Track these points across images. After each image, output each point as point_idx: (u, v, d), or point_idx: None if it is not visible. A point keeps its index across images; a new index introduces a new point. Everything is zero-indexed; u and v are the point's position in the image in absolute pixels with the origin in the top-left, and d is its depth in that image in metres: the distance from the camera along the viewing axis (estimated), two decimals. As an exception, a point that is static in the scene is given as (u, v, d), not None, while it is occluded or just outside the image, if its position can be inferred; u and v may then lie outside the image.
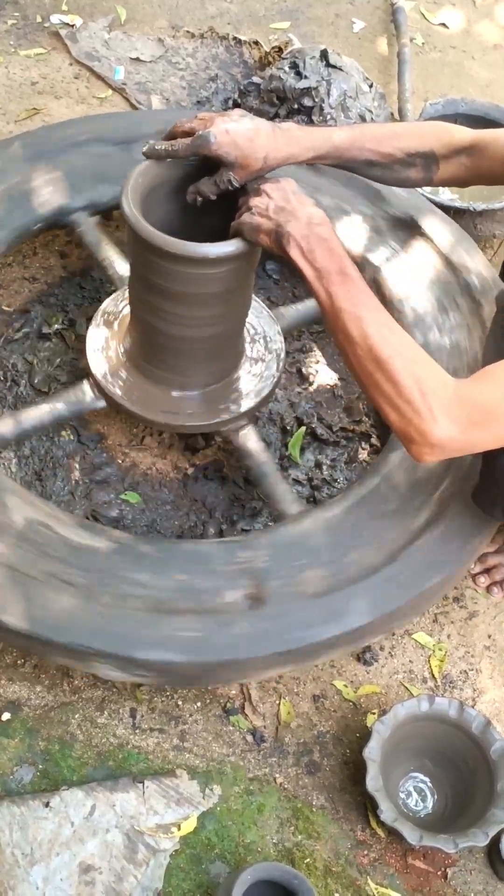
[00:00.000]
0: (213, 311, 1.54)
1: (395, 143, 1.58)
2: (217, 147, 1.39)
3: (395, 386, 1.26)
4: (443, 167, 1.61)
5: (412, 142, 1.59)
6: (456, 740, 1.52)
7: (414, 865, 1.49)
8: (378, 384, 1.28)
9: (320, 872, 1.45)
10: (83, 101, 2.58)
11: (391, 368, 1.26)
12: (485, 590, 1.79)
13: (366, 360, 1.29)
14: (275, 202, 1.38)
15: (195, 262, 1.42)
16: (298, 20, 2.92)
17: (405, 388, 1.25)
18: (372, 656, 1.68)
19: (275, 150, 1.43)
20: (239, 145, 1.39)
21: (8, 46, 2.70)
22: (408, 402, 1.25)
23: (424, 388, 1.25)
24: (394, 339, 1.29)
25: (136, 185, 1.45)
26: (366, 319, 1.29)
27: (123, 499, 1.81)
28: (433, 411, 1.24)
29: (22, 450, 1.84)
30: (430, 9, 3.05)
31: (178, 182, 1.51)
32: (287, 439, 1.92)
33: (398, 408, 1.27)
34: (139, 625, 1.40)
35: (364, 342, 1.28)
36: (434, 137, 1.60)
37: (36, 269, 2.15)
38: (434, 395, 1.25)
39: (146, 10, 2.86)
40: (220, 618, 1.42)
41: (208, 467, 1.86)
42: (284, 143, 1.44)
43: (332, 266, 1.32)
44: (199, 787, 1.50)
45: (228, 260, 1.43)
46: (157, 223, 1.44)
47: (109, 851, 1.40)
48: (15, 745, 1.52)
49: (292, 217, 1.36)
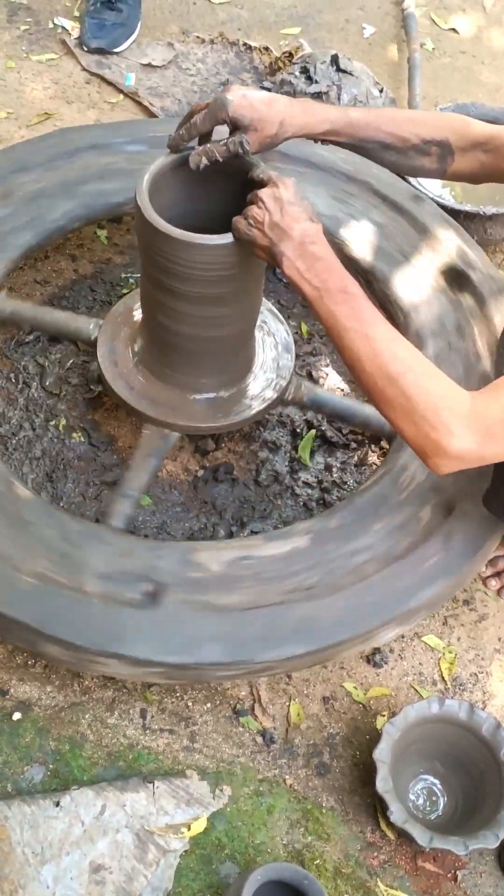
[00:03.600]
0: (221, 310, 1.54)
1: (411, 127, 1.54)
2: (234, 109, 1.38)
3: (410, 401, 1.25)
4: (458, 159, 1.57)
5: (429, 129, 1.56)
6: (466, 742, 1.52)
7: (424, 867, 1.49)
8: (391, 400, 1.27)
9: (330, 874, 1.45)
10: (94, 106, 2.60)
11: (404, 384, 1.25)
12: (495, 593, 1.79)
13: (377, 378, 1.27)
14: (270, 216, 1.34)
15: (196, 250, 1.43)
16: (309, 26, 2.93)
17: (420, 403, 1.24)
18: (382, 658, 1.68)
19: (291, 116, 1.42)
20: (256, 108, 1.39)
21: (20, 52, 2.71)
22: (423, 416, 1.24)
23: (439, 402, 1.24)
24: (404, 354, 1.28)
25: (151, 179, 1.47)
26: (374, 337, 1.28)
27: (134, 500, 1.81)
28: (449, 425, 1.23)
29: (33, 451, 1.85)
30: (441, 14, 3.06)
31: (193, 182, 1.53)
32: (297, 442, 1.92)
33: (414, 423, 1.25)
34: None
35: (374, 360, 1.27)
36: (451, 128, 1.57)
37: (47, 272, 2.16)
38: (449, 408, 1.24)
39: (157, 17, 2.87)
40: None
41: (218, 469, 1.86)
42: (301, 112, 1.44)
43: (332, 284, 1.31)
44: (209, 787, 1.50)
45: (227, 251, 1.43)
46: (171, 221, 1.45)
47: (120, 851, 1.40)
48: (26, 744, 1.52)
49: (285, 236, 1.33)
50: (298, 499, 1.85)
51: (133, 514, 1.64)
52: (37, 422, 1.90)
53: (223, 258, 1.45)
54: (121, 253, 2.22)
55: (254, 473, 1.87)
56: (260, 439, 1.91)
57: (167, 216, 1.45)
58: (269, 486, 1.86)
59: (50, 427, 1.90)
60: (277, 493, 1.85)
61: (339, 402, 1.80)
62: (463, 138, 1.56)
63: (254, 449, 1.90)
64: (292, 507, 1.84)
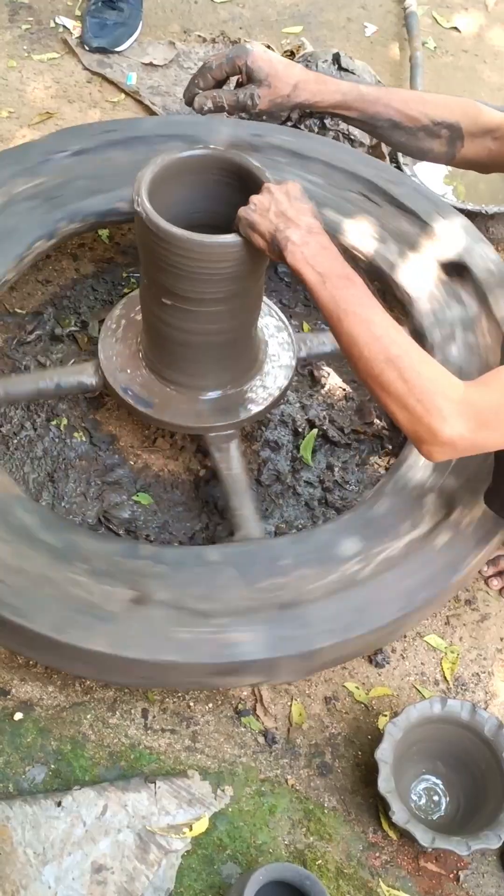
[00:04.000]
0: (221, 310, 1.54)
1: (421, 107, 1.54)
2: (252, 59, 1.40)
3: (406, 383, 1.27)
4: (468, 144, 1.56)
5: (439, 110, 1.55)
6: (468, 742, 1.52)
7: (426, 868, 1.49)
8: (388, 384, 1.28)
9: (332, 874, 1.45)
10: (96, 105, 2.60)
11: (401, 367, 1.27)
12: (497, 592, 1.79)
13: (375, 361, 1.29)
14: (276, 205, 1.38)
15: (198, 249, 1.43)
16: (310, 24, 2.93)
17: (415, 386, 1.26)
18: (384, 658, 1.68)
19: (305, 82, 1.43)
20: (273, 64, 1.41)
21: (21, 51, 2.71)
22: (418, 400, 1.26)
23: (434, 387, 1.26)
24: (402, 339, 1.30)
25: (151, 177, 1.48)
26: (374, 322, 1.30)
27: (135, 500, 1.81)
28: (443, 411, 1.25)
29: (35, 451, 1.85)
30: (443, 13, 3.06)
31: (192, 182, 1.53)
32: (299, 442, 1.92)
33: (408, 406, 1.27)
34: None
35: (374, 343, 1.29)
36: (463, 111, 1.56)
37: (49, 271, 2.16)
38: (444, 394, 1.26)
39: (158, 16, 2.87)
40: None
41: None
42: (314, 80, 1.45)
43: (335, 271, 1.33)
44: (210, 787, 1.50)
45: (229, 249, 1.43)
46: (171, 220, 1.45)
47: (121, 851, 1.40)
48: (27, 744, 1.52)
49: (292, 224, 1.36)
50: (300, 498, 1.85)
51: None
52: (38, 421, 1.90)
53: (225, 257, 1.44)
54: (122, 252, 2.22)
55: (255, 473, 1.87)
56: (261, 439, 1.91)
57: (167, 216, 1.45)
58: (271, 485, 1.86)
59: (51, 427, 1.90)
60: (279, 493, 1.85)
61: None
62: (474, 123, 1.55)
63: (255, 448, 1.90)
64: (294, 506, 1.84)
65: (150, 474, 1.86)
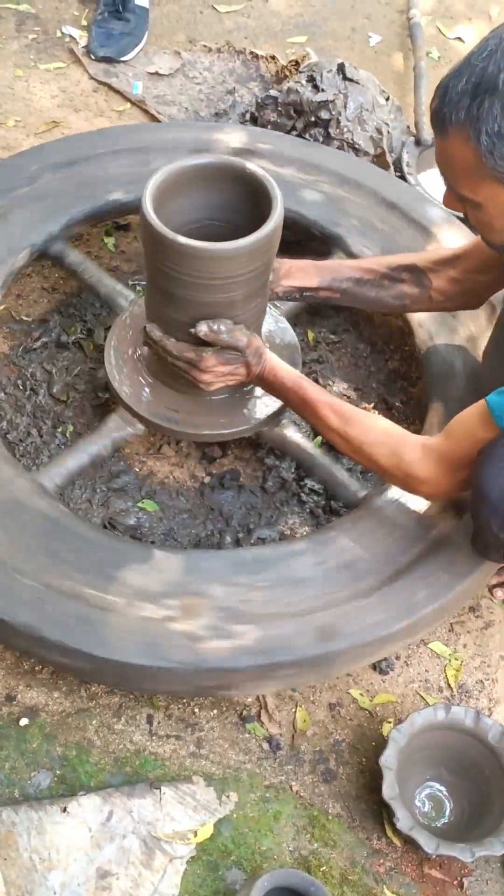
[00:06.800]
0: (226, 315, 1.55)
1: (376, 261, 1.72)
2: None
3: (376, 466, 1.50)
4: (434, 280, 1.68)
5: (395, 259, 1.71)
6: (472, 749, 1.52)
7: (430, 874, 1.49)
8: (364, 464, 1.54)
9: (336, 881, 1.45)
10: (102, 115, 2.61)
11: (365, 458, 1.50)
12: (501, 601, 1.79)
13: (346, 452, 1.55)
14: (224, 367, 1.56)
15: (203, 257, 1.44)
16: (315, 34, 2.95)
17: (385, 468, 1.48)
18: (388, 665, 1.69)
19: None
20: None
21: (28, 60, 2.73)
22: (390, 474, 1.49)
23: (400, 461, 1.46)
24: (355, 432, 1.49)
25: (157, 185, 1.50)
26: (332, 427, 1.52)
27: (141, 507, 1.82)
28: (417, 476, 1.45)
29: (41, 458, 1.86)
30: (446, 23, 3.07)
31: (197, 189, 1.54)
32: (303, 449, 1.92)
33: (390, 478, 1.52)
34: None
35: (341, 445, 1.53)
36: (415, 255, 1.71)
37: (55, 279, 2.17)
38: (411, 464, 1.45)
39: (164, 25, 2.89)
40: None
41: (225, 476, 1.87)
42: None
43: (284, 395, 1.59)
44: (215, 793, 1.50)
45: (228, 258, 1.45)
46: (175, 229, 1.46)
47: (126, 857, 1.41)
48: (33, 750, 1.53)
49: (239, 375, 1.58)
50: (305, 506, 1.85)
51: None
52: (44, 428, 1.91)
53: (229, 264, 1.45)
54: (128, 260, 2.23)
55: (260, 480, 1.88)
56: (266, 446, 1.91)
57: (172, 224, 1.46)
58: (276, 492, 1.86)
59: (57, 434, 1.90)
60: (284, 500, 1.86)
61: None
62: (429, 260, 1.69)
63: (260, 455, 1.91)
64: (298, 514, 1.85)
65: (155, 481, 1.86)
